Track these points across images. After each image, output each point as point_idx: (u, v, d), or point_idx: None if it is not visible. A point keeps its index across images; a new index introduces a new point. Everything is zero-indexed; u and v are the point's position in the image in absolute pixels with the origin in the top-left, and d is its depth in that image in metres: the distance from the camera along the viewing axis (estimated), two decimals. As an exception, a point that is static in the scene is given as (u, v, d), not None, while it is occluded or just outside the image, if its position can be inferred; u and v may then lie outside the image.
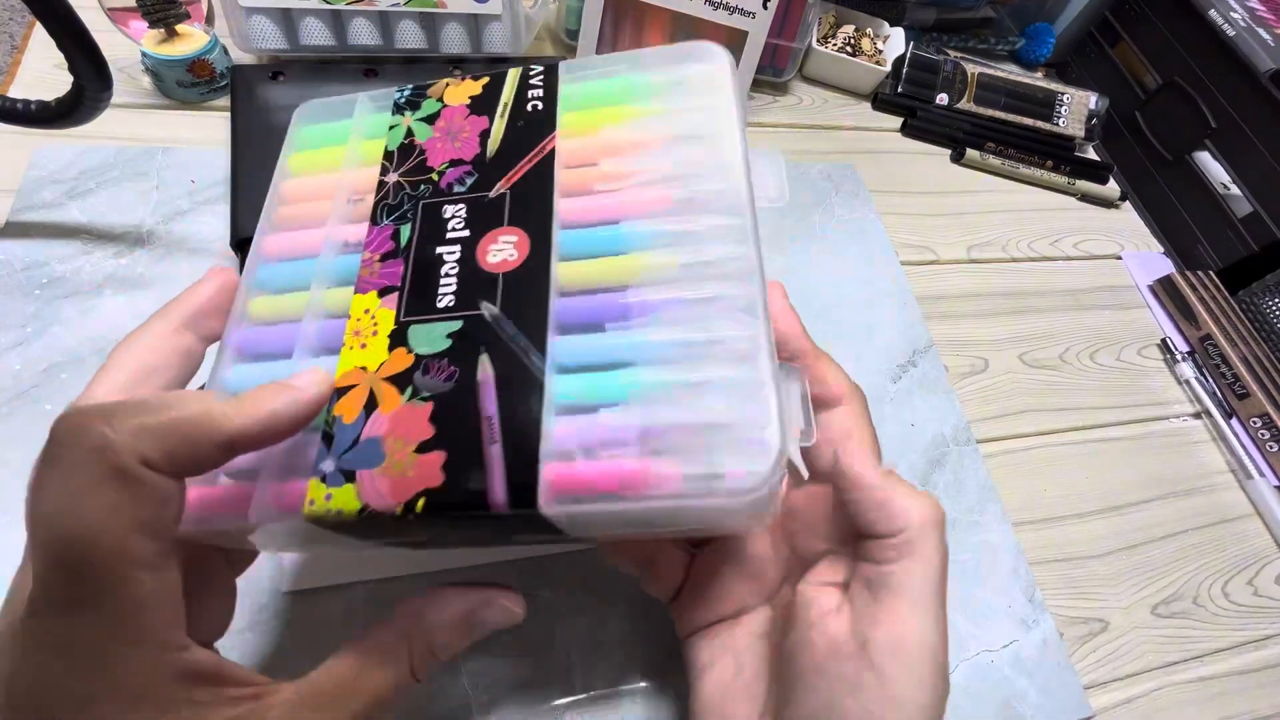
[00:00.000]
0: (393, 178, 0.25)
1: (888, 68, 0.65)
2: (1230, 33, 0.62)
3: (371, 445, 0.19)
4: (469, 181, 0.24)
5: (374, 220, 0.24)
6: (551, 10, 0.59)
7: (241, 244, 0.38)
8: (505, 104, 0.25)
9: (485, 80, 0.26)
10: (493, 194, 0.23)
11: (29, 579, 0.16)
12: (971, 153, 0.63)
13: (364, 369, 0.21)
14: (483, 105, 0.26)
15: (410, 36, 0.50)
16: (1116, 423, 0.50)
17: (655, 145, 0.24)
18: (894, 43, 0.67)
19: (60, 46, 0.31)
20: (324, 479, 0.19)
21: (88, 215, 0.40)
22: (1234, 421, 0.51)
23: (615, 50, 0.56)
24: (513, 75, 0.26)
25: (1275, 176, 0.59)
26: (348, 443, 0.19)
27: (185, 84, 0.46)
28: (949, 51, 0.68)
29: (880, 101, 0.66)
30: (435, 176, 0.24)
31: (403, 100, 0.28)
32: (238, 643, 0.30)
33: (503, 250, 0.22)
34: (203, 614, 0.20)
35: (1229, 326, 0.55)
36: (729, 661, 0.23)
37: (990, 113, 0.66)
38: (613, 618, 0.34)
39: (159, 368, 0.21)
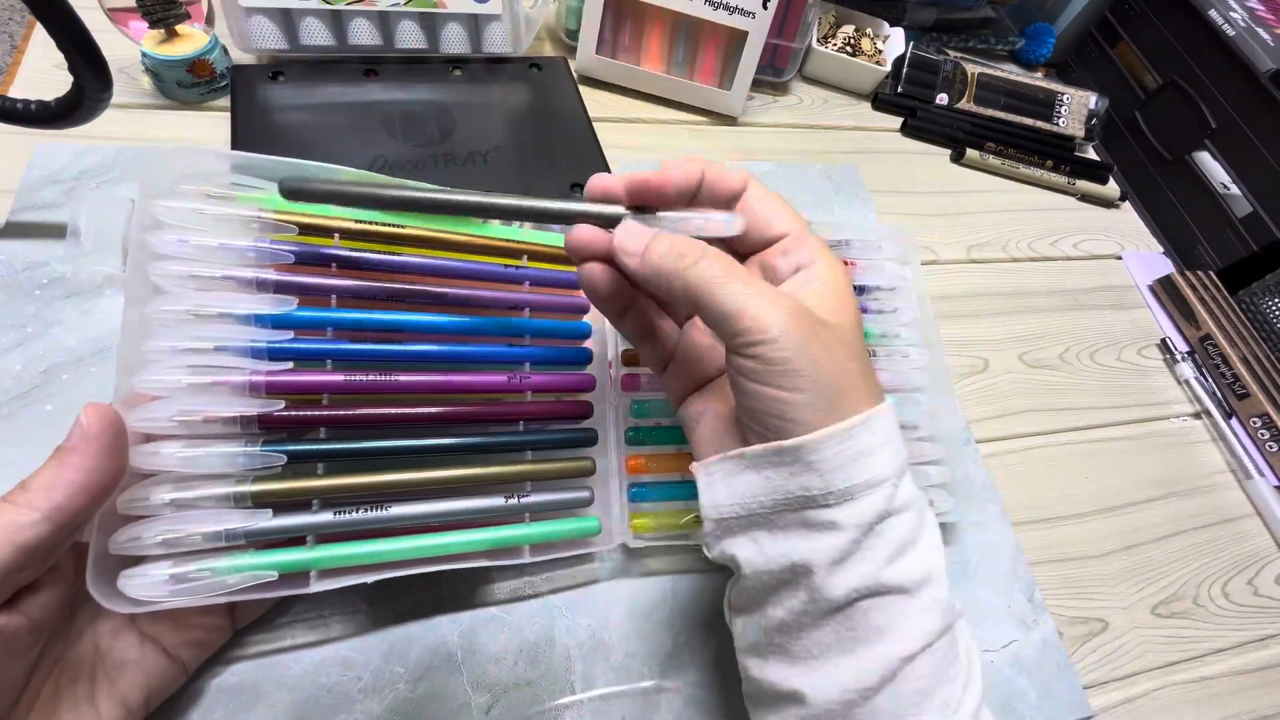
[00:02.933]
0: None
1: (888, 68, 0.65)
2: (1230, 33, 0.62)
3: None
4: None
5: None
6: (551, 10, 0.59)
7: (241, 244, 0.38)
8: None
9: None
10: None
11: None
12: (971, 153, 0.63)
13: None
14: None
15: (410, 36, 0.50)
16: (1116, 423, 0.50)
17: None
18: (894, 43, 0.67)
19: (60, 46, 0.31)
20: None
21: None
22: (1234, 421, 0.51)
23: (615, 50, 0.56)
24: None
25: (1275, 176, 0.59)
26: None
27: (185, 84, 0.46)
28: (949, 51, 0.68)
29: (880, 101, 0.66)
30: None
31: None
32: (237, 641, 0.30)
33: None
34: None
35: (1229, 326, 0.55)
36: (714, 409, 0.27)
37: (990, 113, 0.66)
38: (613, 618, 0.34)
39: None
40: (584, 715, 0.32)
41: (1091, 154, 0.69)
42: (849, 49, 0.66)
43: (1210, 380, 0.54)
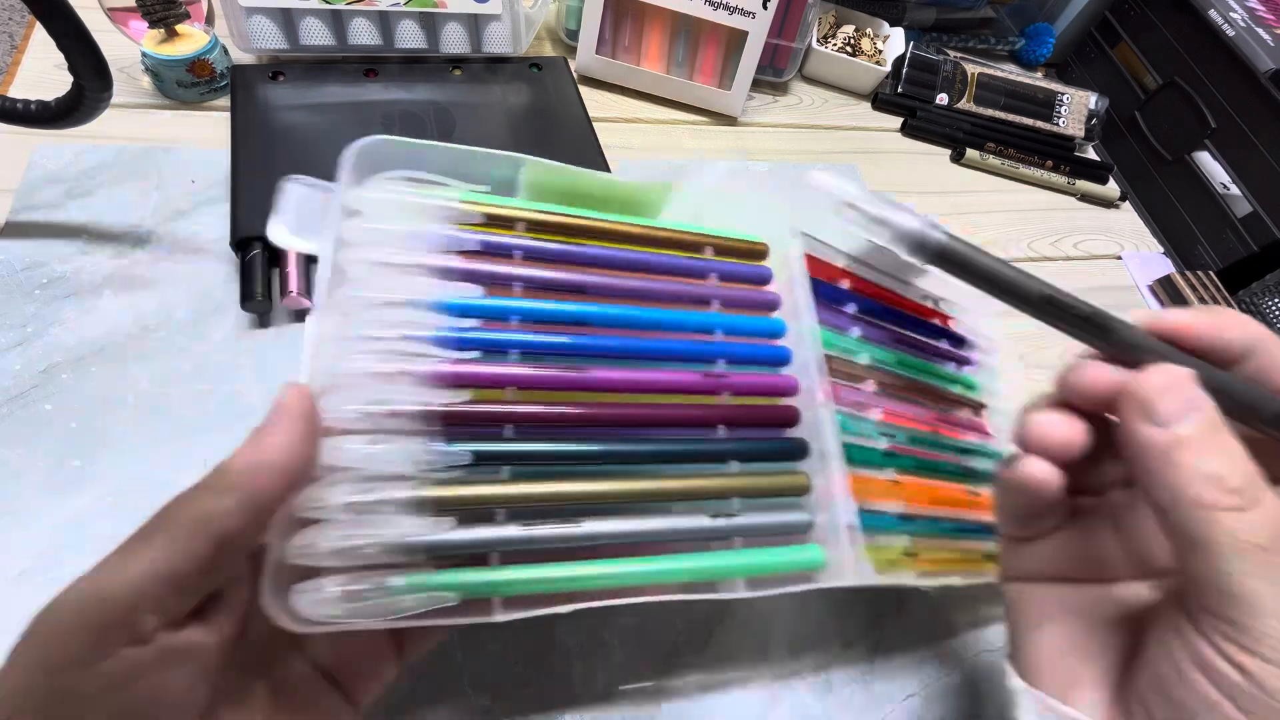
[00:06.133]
0: None
1: (888, 68, 0.65)
2: (1230, 33, 0.62)
3: None
4: None
5: None
6: (551, 10, 0.59)
7: (241, 244, 0.38)
8: None
9: None
10: None
11: None
12: (971, 153, 0.63)
13: None
14: None
15: (410, 36, 0.50)
16: (1116, 423, 0.50)
17: None
18: (894, 43, 0.67)
19: (60, 46, 0.31)
20: None
21: (88, 215, 0.40)
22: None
23: (615, 50, 0.56)
24: None
25: (1275, 176, 0.59)
26: None
27: (185, 84, 0.46)
28: (949, 51, 0.68)
29: (880, 101, 0.66)
30: None
31: None
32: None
33: None
34: None
35: (1229, 326, 0.55)
36: (1085, 621, 0.20)
37: (990, 113, 0.66)
38: (613, 617, 0.34)
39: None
40: (584, 716, 0.31)
41: (1091, 154, 0.69)
42: (849, 49, 0.66)
43: (1210, 380, 0.53)
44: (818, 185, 0.22)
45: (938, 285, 0.38)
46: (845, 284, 0.33)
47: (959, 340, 0.37)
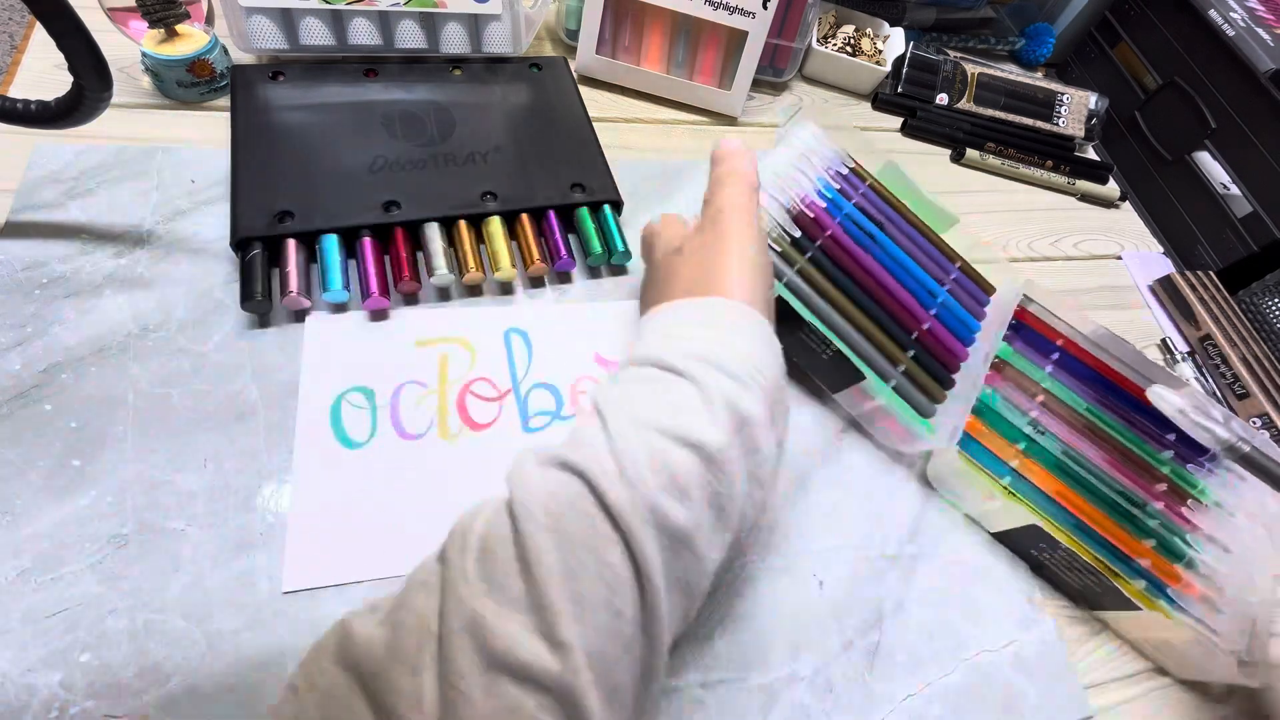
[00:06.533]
0: None
1: (888, 68, 0.65)
2: (1230, 33, 0.62)
3: None
4: None
5: None
6: (551, 10, 0.59)
7: (241, 244, 0.38)
8: None
9: None
10: None
11: None
12: (971, 153, 0.63)
13: None
14: None
15: (410, 36, 0.50)
16: (1116, 423, 0.50)
17: None
18: (894, 43, 0.67)
19: (60, 46, 0.31)
20: None
21: (88, 215, 0.40)
22: (1234, 421, 0.51)
23: (615, 50, 0.56)
24: None
25: (1275, 176, 0.59)
26: None
27: (185, 84, 0.46)
28: (949, 51, 0.68)
29: (880, 101, 0.66)
30: None
31: None
32: (236, 642, 0.30)
33: None
34: None
35: (1229, 326, 0.55)
36: None
37: (990, 113, 0.66)
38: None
39: None
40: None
41: (1091, 154, 0.69)
42: (849, 49, 0.66)
43: (1210, 380, 0.54)
44: (1156, 399, 0.35)
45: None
46: (1059, 342, 0.47)
47: (1187, 440, 0.43)
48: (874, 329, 0.42)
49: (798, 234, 0.43)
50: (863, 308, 0.42)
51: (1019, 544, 0.41)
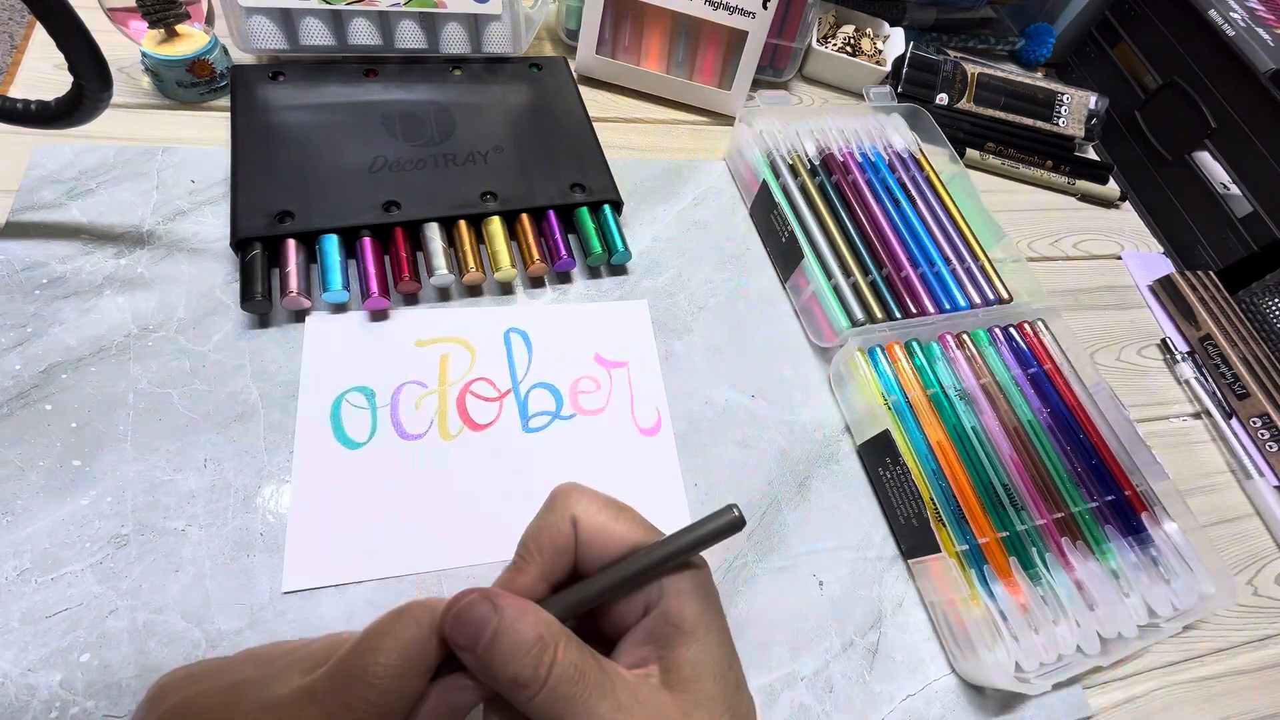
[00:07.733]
0: None
1: (888, 68, 0.65)
2: (1230, 33, 0.62)
3: None
4: None
5: None
6: (551, 10, 0.59)
7: (241, 244, 0.38)
8: None
9: None
10: None
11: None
12: (971, 152, 0.63)
13: None
14: None
15: (410, 36, 0.50)
16: (1116, 423, 0.50)
17: None
18: (894, 43, 0.67)
19: (60, 46, 0.31)
20: None
21: (88, 215, 0.40)
22: (1234, 421, 0.51)
23: (615, 50, 0.56)
24: None
25: (1275, 176, 0.59)
26: None
27: (185, 84, 0.46)
28: (949, 51, 0.68)
29: (880, 101, 0.66)
30: None
31: None
32: (237, 642, 0.30)
33: None
34: None
35: (1229, 326, 0.55)
36: None
37: (990, 113, 0.66)
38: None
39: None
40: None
41: (1091, 154, 0.69)
42: (849, 49, 0.66)
43: (1210, 380, 0.54)
44: None
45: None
46: (1047, 366, 0.45)
47: (1127, 513, 0.41)
48: (840, 239, 0.45)
49: (817, 161, 0.48)
50: (844, 231, 0.45)
51: (872, 457, 0.41)
